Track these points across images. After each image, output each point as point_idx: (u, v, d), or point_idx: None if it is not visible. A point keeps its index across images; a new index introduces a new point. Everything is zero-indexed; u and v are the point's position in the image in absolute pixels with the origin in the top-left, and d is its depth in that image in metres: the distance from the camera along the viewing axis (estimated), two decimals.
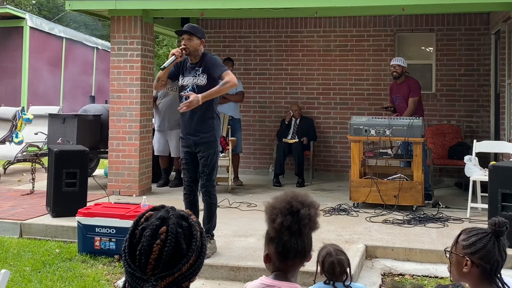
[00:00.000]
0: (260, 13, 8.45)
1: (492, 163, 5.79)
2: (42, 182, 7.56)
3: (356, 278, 4.41)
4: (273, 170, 8.75)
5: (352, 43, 9.45)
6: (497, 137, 8.28)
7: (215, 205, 4.92)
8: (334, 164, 9.48)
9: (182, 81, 4.86)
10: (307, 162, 8.83)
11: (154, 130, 8.25)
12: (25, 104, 12.52)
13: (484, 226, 2.18)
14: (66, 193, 6.00)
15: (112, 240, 5.02)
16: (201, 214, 4.84)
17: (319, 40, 9.58)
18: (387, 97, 8.64)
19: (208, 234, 4.80)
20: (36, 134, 8.71)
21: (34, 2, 24.39)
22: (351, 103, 9.41)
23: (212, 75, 4.79)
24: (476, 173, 6.45)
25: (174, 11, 7.77)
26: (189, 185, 4.90)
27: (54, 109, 9.40)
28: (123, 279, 1.84)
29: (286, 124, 8.89)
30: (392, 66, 7.50)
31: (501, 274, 2.11)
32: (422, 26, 9.22)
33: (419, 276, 4.75)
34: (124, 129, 7.49)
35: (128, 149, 7.47)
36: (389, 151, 7.16)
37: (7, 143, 9.05)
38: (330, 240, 5.03)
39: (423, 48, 9.62)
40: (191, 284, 1.47)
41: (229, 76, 4.74)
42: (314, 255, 2.16)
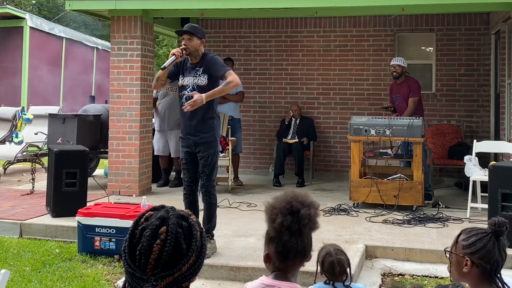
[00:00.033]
0: (260, 13, 8.45)
1: (492, 163, 5.79)
2: (42, 182, 7.56)
3: (356, 278, 4.41)
4: (273, 170, 8.75)
5: (352, 43, 9.45)
6: (497, 137, 8.28)
7: (215, 205, 4.92)
8: (334, 164, 9.48)
9: (182, 81, 4.86)
10: (307, 162, 8.83)
11: (154, 130, 8.25)
12: (25, 104, 12.52)
13: (484, 226, 2.18)
14: (66, 193, 6.00)
15: (112, 240, 5.02)
16: (201, 214, 4.84)
17: (319, 40, 9.58)
18: (387, 97, 8.64)
19: (208, 234, 4.80)
20: (36, 134, 8.71)
21: (34, 2, 24.38)
22: (351, 103, 9.41)
23: (213, 75, 4.79)
24: (476, 173, 6.45)
25: (174, 11, 7.77)
26: (189, 185, 4.90)
27: (54, 109, 9.40)
28: (123, 279, 1.84)
29: (286, 124, 8.89)
30: (392, 66, 7.50)
31: (501, 274, 2.11)
32: (422, 26, 9.22)
33: (419, 276, 4.75)
34: (124, 129, 7.49)
35: (128, 149, 7.48)
36: (389, 151, 7.16)
37: (7, 143, 9.05)
38: (330, 240, 5.03)
39: (423, 48, 9.62)
40: (191, 284, 1.47)
41: (232, 76, 4.74)
42: (314, 255, 2.16)
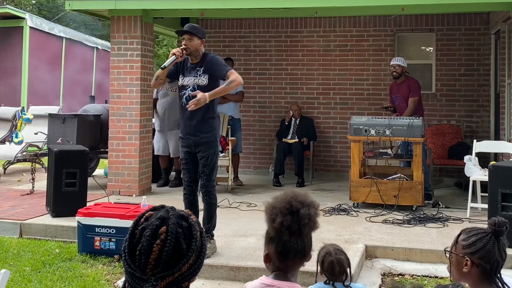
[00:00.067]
0: (260, 13, 8.45)
1: (492, 163, 5.79)
2: (42, 182, 7.56)
3: (356, 278, 4.41)
4: (273, 170, 8.75)
5: (352, 43, 9.45)
6: (497, 137, 8.28)
7: (215, 205, 4.92)
8: (334, 164, 9.48)
9: (182, 81, 4.86)
10: (307, 162, 8.83)
11: (155, 130, 8.25)
12: (25, 104, 12.51)
13: (484, 226, 2.18)
14: (66, 193, 6.00)
15: (112, 240, 5.02)
16: (201, 214, 4.84)
17: (319, 40, 9.58)
18: (387, 97, 8.64)
19: (208, 234, 4.80)
20: (36, 134, 8.71)
21: (34, 2, 24.38)
22: (351, 103, 9.41)
23: (215, 75, 4.79)
24: (476, 173, 6.45)
25: (174, 11, 7.77)
26: (189, 185, 4.90)
27: (54, 109, 9.40)
28: (123, 279, 1.84)
29: (286, 124, 8.89)
30: (392, 66, 7.50)
31: (501, 274, 2.11)
32: (422, 26, 9.22)
33: (419, 276, 4.75)
34: (124, 129, 7.49)
35: (128, 149, 7.48)
36: (389, 151, 7.16)
37: (7, 143, 9.05)
38: (330, 240, 5.03)
39: (423, 48, 9.62)
40: (191, 284, 1.47)
41: (234, 75, 4.75)
42: (314, 255, 2.16)
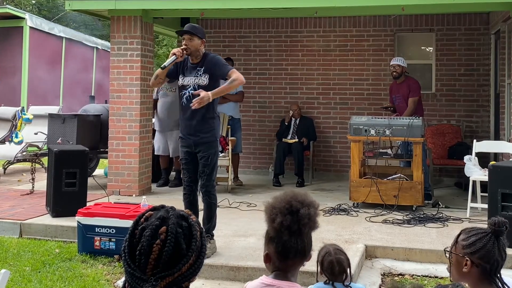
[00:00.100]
0: (260, 13, 8.45)
1: (492, 163, 5.79)
2: (42, 182, 7.56)
3: (356, 278, 4.41)
4: (273, 170, 8.75)
5: (352, 43, 9.45)
6: (497, 137, 8.28)
7: (215, 205, 4.92)
8: (334, 164, 9.48)
9: (183, 81, 4.85)
10: (307, 162, 8.82)
11: (155, 131, 8.25)
12: (25, 104, 12.51)
13: (484, 226, 2.18)
14: (66, 193, 6.00)
15: (112, 240, 5.02)
16: (201, 214, 4.84)
17: (319, 40, 9.58)
18: (387, 97, 8.64)
19: (208, 234, 4.80)
20: (36, 134, 8.71)
21: (34, 2, 24.38)
22: (351, 103, 9.41)
23: (215, 75, 4.79)
24: (476, 173, 6.45)
25: (174, 11, 7.77)
26: (189, 185, 4.90)
27: (54, 109, 9.40)
28: (123, 279, 1.84)
29: (286, 124, 8.89)
30: (392, 66, 7.50)
31: (501, 274, 2.11)
32: (422, 26, 9.22)
33: (419, 276, 4.75)
34: (124, 129, 7.49)
35: (128, 149, 7.48)
36: (389, 151, 7.16)
37: (7, 143, 9.05)
38: (330, 240, 5.03)
39: (423, 48, 9.62)
40: (191, 284, 1.47)
41: (236, 73, 4.75)
42: (314, 255, 2.16)
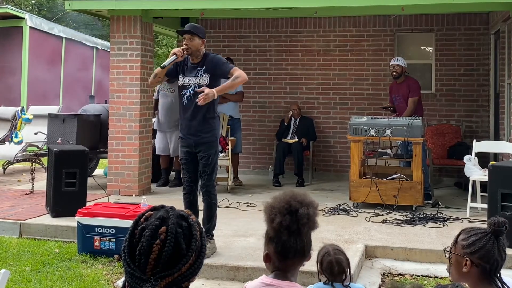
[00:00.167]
0: (259, 13, 8.45)
1: (492, 163, 5.79)
2: (41, 182, 7.56)
3: (355, 278, 4.41)
4: (272, 170, 8.75)
5: (351, 43, 9.45)
6: (497, 137, 8.28)
7: (215, 205, 4.92)
8: (334, 164, 9.48)
9: (183, 80, 4.85)
10: (307, 162, 8.82)
11: (156, 130, 8.25)
12: (24, 104, 12.51)
13: (484, 226, 2.18)
14: (66, 193, 6.00)
15: (112, 240, 5.02)
16: (201, 214, 4.84)
17: (319, 40, 9.58)
18: (386, 97, 8.64)
19: (207, 234, 4.79)
20: (35, 134, 8.71)
21: (33, 2, 24.38)
22: (351, 103, 9.41)
23: (217, 74, 4.80)
24: (475, 173, 6.45)
25: (173, 11, 7.77)
26: (189, 185, 4.90)
27: (53, 109, 9.40)
28: (123, 279, 1.83)
29: (285, 124, 8.89)
30: (392, 66, 7.50)
31: (500, 274, 2.11)
32: (421, 26, 9.22)
33: (418, 276, 4.75)
34: (123, 129, 7.49)
35: (128, 149, 7.48)
36: (388, 151, 7.17)
37: (7, 143, 9.05)
38: (329, 240, 5.03)
39: (422, 48, 9.62)
40: (190, 284, 1.47)
41: (238, 71, 4.76)
42: (314, 255, 2.16)
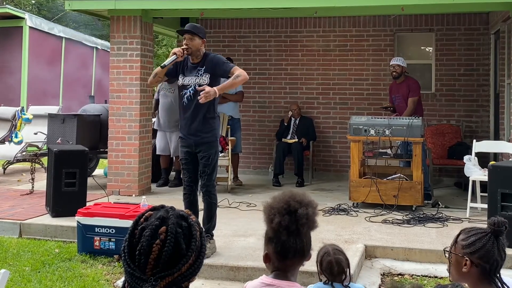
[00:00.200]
0: (259, 13, 8.45)
1: (492, 163, 5.79)
2: (41, 182, 7.55)
3: (355, 278, 4.41)
4: (272, 170, 8.75)
5: (351, 43, 9.45)
6: (497, 137, 8.29)
7: (215, 205, 4.92)
8: (334, 164, 9.48)
9: (183, 80, 4.85)
10: (307, 162, 8.82)
11: (157, 130, 8.25)
12: (24, 104, 12.51)
13: (484, 226, 2.18)
14: (66, 193, 6.00)
15: (112, 240, 5.02)
16: (201, 214, 4.84)
17: (319, 40, 9.58)
18: (386, 97, 8.64)
19: (207, 234, 4.79)
20: (35, 134, 8.71)
21: (33, 2, 24.37)
22: (351, 103, 9.41)
23: (217, 74, 4.80)
24: (475, 173, 6.45)
25: (173, 11, 7.77)
26: (189, 185, 4.90)
27: (53, 109, 9.40)
28: (123, 279, 1.83)
29: (285, 124, 8.89)
30: (392, 66, 7.50)
31: (500, 274, 2.11)
32: (421, 26, 9.22)
33: (418, 276, 4.75)
34: (123, 129, 7.49)
35: (128, 149, 7.48)
36: (388, 151, 7.17)
37: (7, 143, 9.05)
38: (329, 240, 5.03)
39: (422, 48, 9.62)
40: (190, 284, 1.47)
41: (239, 70, 4.76)
42: (314, 255, 2.16)
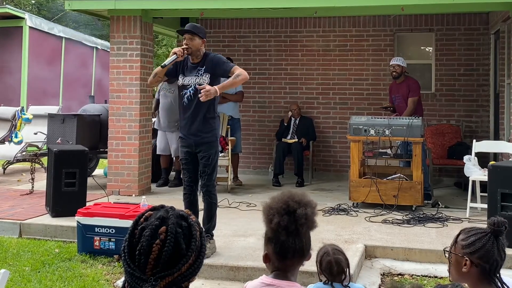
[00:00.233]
0: (259, 13, 8.44)
1: (492, 163, 5.79)
2: (41, 182, 7.55)
3: (355, 278, 4.41)
4: (272, 170, 8.75)
5: (351, 43, 9.45)
6: (497, 137, 8.29)
7: (215, 205, 4.92)
8: (334, 164, 9.48)
9: (183, 80, 4.86)
10: (307, 162, 8.83)
11: (156, 130, 8.25)
12: (24, 104, 12.51)
13: (483, 226, 2.18)
14: (66, 193, 6.00)
15: (112, 240, 5.03)
16: (201, 214, 4.84)
17: (319, 40, 9.58)
18: (386, 97, 8.64)
19: (207, 234, 4.79)
20: (35, 134, 8.70)
21: (33, 2, 24.37)
22: (351, 103, 9.41)
23: (217, 74, 4.81)
24: (475, 173, 6.45)
25: (173, 11, 7.77)
26: (189, 185, 4.90)
27: (53, 109, 9.40)
28: (123, 279, 1.84)
29: (285, 124, 8.89)
30: (392, 66, 7.50)
31: (500, 274, 2.11)
32: (421, 26, 9.22)
33: (418, 276, 4.75)
34: (123, 129, 7.49)
35: (128, 149, 7.48)
36: (388, 151, 7.16)
37: (7, 143, 9.05)
38: (329, 240, 5.03)
39: (422, 48, 9.62)
40: (190, 284, 1.47)
41: (239, 69, 4.77)
42: (314, 254, 2.16)
